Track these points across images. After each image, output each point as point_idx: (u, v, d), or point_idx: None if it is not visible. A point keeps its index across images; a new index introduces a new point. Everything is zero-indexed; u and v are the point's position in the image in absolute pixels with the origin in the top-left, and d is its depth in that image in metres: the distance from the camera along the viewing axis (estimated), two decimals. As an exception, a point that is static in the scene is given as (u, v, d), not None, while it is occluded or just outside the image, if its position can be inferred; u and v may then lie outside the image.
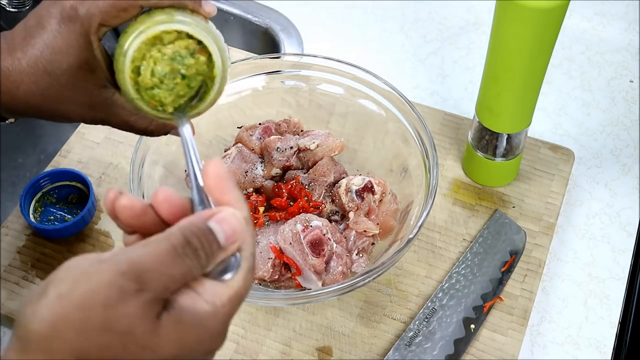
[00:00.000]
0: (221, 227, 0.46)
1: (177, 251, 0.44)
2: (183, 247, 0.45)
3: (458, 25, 1.16)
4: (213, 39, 0.59)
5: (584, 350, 0.83)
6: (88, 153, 0.97)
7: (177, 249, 0.44)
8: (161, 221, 0.49)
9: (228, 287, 0.46)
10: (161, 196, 0.48)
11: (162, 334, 0.43)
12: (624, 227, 0.93)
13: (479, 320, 0.82)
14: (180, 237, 0.45)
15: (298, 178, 0.85)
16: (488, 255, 0.87)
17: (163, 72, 0.58)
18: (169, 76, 0.58)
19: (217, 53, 0.59)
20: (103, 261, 0.44)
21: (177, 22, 0.58)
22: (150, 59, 0.58)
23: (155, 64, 0.58)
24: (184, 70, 0.58)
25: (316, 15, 1.17)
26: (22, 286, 0.85)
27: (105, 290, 0.42)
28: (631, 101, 1.06)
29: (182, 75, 0.58)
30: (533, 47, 0.77)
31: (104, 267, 0.43)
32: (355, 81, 0.89)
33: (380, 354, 0.80)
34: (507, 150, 0.89)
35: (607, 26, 1.15)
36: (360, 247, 0.82)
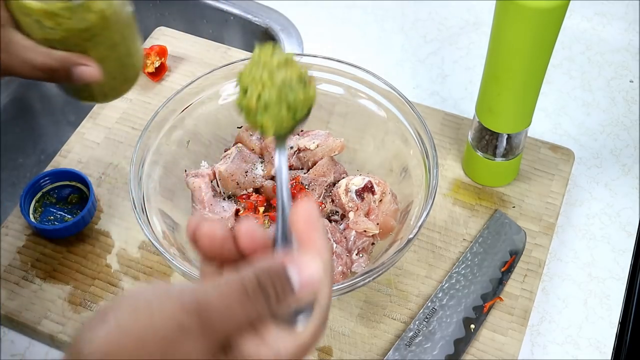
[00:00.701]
0: (299, 273, 0.44)
1: (248, 294, 0.42)
2: (254, 291, 0.42)
3: (458, 25, 1.16)
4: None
5: (584, 350, 0.83)
6: (88, 153, 0.97)
7: (248, 291, 0.42)
8: (240, 252, 0.47)
9: (296, 337, 0.44)
10: (244, 228, 0.46)
11: None
12: (624, 227, 0.93)
13: (479, 320, 0.82)
14: (253, 280, 0.42)
15: (298, 178, 0.85)
16: (488, 255, 0.87)
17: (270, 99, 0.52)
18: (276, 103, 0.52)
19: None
20: (169, 294, 0.42)
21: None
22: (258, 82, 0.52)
23: (262, 88, 0.52)
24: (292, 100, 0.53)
25: (316, 15, 1.17)
26: (22, 286, 0.85)
27: (165, 324, 0.41)
28: (631, 101, 1.06)
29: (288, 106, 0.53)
30: (533, 47, 0.77)
31: (167, 301, 0.41)
32: (355, 81, 0.89)
33: (380, 354, 0.80)
34: (507, 150, 0.89)
35: (607, 26, 1.15)
36: (360, 247, 0.82)
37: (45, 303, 0.84)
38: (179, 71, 1.06)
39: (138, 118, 1.00)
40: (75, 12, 0.60)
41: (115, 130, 0.99)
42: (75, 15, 0.60)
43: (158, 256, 0.87)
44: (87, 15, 0.61)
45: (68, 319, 0.82)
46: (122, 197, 0.92)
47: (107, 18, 0.62)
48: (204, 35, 1.13)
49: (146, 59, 1.04)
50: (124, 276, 0.86)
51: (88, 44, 0.63)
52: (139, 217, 0.77)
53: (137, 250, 0.88)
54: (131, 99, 1.02)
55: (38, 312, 0.83)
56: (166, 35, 1.11)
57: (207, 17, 1.21)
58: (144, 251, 0.88)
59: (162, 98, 1.00)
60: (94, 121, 1.00)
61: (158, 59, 1.04)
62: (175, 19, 1.24)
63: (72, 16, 0.60)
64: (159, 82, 1.05)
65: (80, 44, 0.62)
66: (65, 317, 0.82)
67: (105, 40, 0.63)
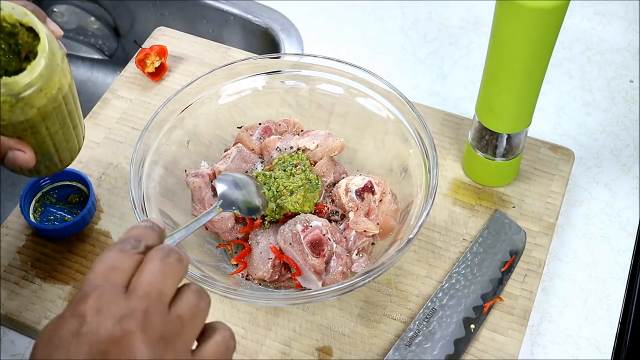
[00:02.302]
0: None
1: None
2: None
3: (458, 25, 1.16)
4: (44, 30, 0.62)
5: (584, 350, 0.83)
6: (88, 153, 0.97)
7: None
8: None
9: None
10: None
11: None
12: (624, 227, 0.93)
13: (479, 320, 0.82)
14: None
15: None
16: (488, 255, 0.87)
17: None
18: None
19: (44, 34, 0.61)
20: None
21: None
22: None
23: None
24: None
25: (316, 15, 1.17)
26: (22, 286, 0.85)
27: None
28: (631, 101, 1.06)
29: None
30: (533, 47, 0.77)
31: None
32: (355, 81, 0.89)
33: (380, 354, 0.80)
34: (507, 150, 0.89)
35: (607, 26, 1.15)
36: (360, 247, 0.82)
37: (45, 303, 0.84)
38: (179, 71, 1.06)
39: (138, 118, 1.00)
40: (16, 107, 0.60)
41: (115, 130, 0.99)
42: (15, 109, 0.60)
43: (158, 256, 0.86)
44: (27, 110, 0.61)
45: (68, 319, 0.82)
46: (122, 197, 0.92)
47: (47, 112, 0.62)
48: (204, 35, 1.13)
49: (146, 59, 1.04)
50: (124, 276, 0.86)
51: (25, 132, 0.63)
52: (139, 217, 0.77)
53: (137, 250, 0.88)
54: (131, 99, 1.02)
55: (38, 312, 0.83)
56: (166, 35, 1.11)
57: (207, 17, 1.21)
58: (144, 251, 0.88)
59: (162, 98, 1.00)
60: (94, 121, 1.00)
61: (158, 59, 1.04)
62: (175, 19, 1.24)
63: (12, 110, 0.60)
64: (159, 82, 1.05)
65: (17, 132, 0.63)
66: (65, 317, 0.82)
67: (43, 130, 0.64)
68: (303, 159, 0.84)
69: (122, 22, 1.30)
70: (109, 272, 0.50)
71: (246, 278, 0.81)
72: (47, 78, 0.61)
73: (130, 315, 0.48)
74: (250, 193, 0.79)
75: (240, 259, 0.81)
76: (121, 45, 1.33)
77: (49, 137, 0.65)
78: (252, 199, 0.79)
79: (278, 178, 0.82)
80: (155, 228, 0.55)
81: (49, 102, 0.62)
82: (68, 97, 0.65)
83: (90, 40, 1.33)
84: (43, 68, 0.61)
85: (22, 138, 0.64)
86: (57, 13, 1.29)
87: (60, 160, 0.70)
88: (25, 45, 0.62)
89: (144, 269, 0.51)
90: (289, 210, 0.80)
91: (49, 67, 0.61)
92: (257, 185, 0.81)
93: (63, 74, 0.63)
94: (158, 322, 0.49)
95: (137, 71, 1.05)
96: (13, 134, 0.63)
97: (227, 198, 0.77)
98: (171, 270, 0.51)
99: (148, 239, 0.53)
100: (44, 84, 0.61)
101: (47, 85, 0.61)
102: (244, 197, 0.78)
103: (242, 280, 0.81)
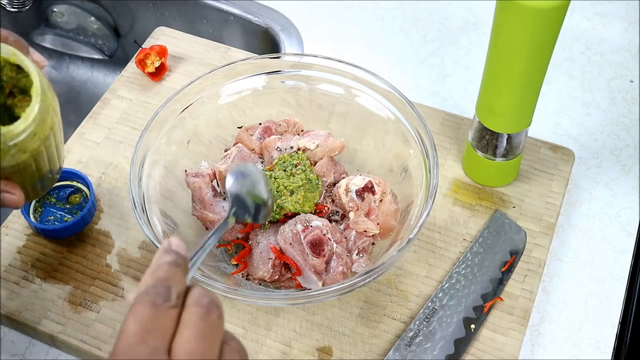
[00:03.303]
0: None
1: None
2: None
3: (458, 25, 1.16)
4: (36, 70, 0.60)
5: (584, 350, 0.83)
6: (88, 153, 0.97)
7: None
8: None
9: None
10: None
11: None
12: (624, 227, 0.93)
13: (479, 320, 0.82)
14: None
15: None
16: (488, 255, 0.87)
17: None
18: None
19: (36, 75, 0.59)
20: None
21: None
22: None
23: None
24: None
25: (316, 15, 1.17)
26: (22, 286, 0.85)
27: None
28: (631, 101, 1.06)
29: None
30: (533, 47, 0.77)
31: None
32: (355, 81, 0.89)
33: (380, 354, 0.80)
34: (507, 150, 0.89)
35: (607, 26, 1.15)
36: (360, 247, 0.82)
37: (45, 303, 0.84)
38: (179, 71, 1.06)
39: (138, 118, 1.00)
40: (8, 154, 0.59)
41: (115, 130, 0.99)
42: (7, 156, 0.59)
43: (158, 256, 0.86)
44: (19, 155, 0.60)
45: (68, 319, 0.82)
46: (122, 197, 0.92)
47: (39, 153, 0.61)
48: (204, 35, 1.13)
49: (146, 59, 1.04)
50: (124, 276, 0.86)
51: (14, 174, 0.62)
52: (139, 217, 0.77)
53: (137, 250, 0.88)
54: (131, 99, 1.03)
55: (38, 312, 0.83)
56: (166, 35, 1.11)
57: (207, 17, 1.21)
58: (144, 251, 0.88)
59: (162, 98, 1.00)
60: (94, 121, 1.00)
61: (158, 59, 1.04)
62: (175, 19, 1.24)
63: (4, 157, 0.59)
64: (159, 82, 1.05)
65: (6, 174, 0.62)
66: (65, 317, 0.82)
67: (32, 169, 0.63)
68: (303, 159, 0.84)
69: (122, 22, 1.30)
70: (147, 335, 0.46)
71: (246, 278, 0.81)
72: (41, 121, 0.59)
73: None
74: (258, 186, 0.75)
75: (240, 259, 0.81)
76: (121, 45, 1.33)
77: (37, 172, 0.64)
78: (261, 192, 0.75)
79: (278, 178, 0.82)
80: (180, 263, 0.51)
81: (41, 143, 0.61)
82: (56, 128, 0.63)
83: (90, 40, 1.33)
84: (37, 113, 0.59)
85: (10, 179, 0.62)
86: (57, 13, 1.29)
87: (42, 189, 0.69)
88: (10, 80, 0.60)
89: (186, 334, 0.47)
90: (289, 210, 0.80)
91: (41, 109, 0.59)
92: (265, 176, 0.78)
93: (54, 112, 0.61)
94: None
95: (137, 71, 1.05)
96: (2, 176, 0.61)
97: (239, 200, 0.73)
98: (214, 332, 0.49)
99: (177, 282, 0.49)
100: (37, 127, 0.59)
101: (41, 129, 0.60)
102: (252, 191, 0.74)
103: (242, 280, 0.81)
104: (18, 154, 0.60)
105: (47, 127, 0.60)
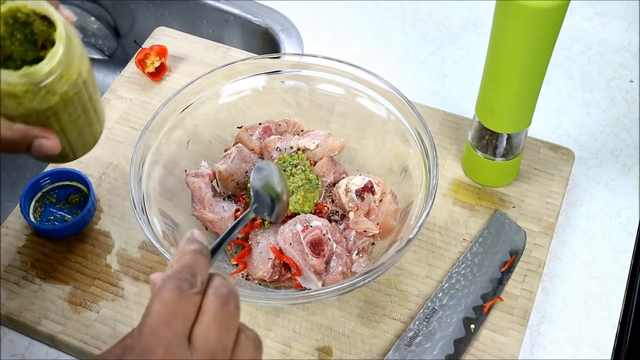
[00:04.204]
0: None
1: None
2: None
3: (458, 25, 1.16)
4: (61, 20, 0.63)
5: (584, 350, 0.83)
6: (88, 153, 0.96)
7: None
8: None
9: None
10: None
11: None
12: (624, 227, 0.93)
13: (479, 320, 0.82)
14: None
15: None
16: (488, 255, 0.87)
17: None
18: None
19: (60, 22, 0.62)
20: None
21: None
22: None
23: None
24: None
25: (316, 15, 1.17)
26: (22, 286, 0.85)
27: None
28: (631, 101, 1.06)
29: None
30: (533, 47, 0.77)
31: None
32: (355, 81, 0.89)
33: (380, 354, 0.80)
34: (507, 150, 0.89)
35: (607, 26, 1.15)
36: (360, 247, 0.82)
37: (45, 303, 0.84)
38: (179, 71, 1.06)
39: (138, 118, 1.00)
40: (38, 95, 0.61)
41: (115, 130, 0.99)
42: (38, 97, 0.61)
43: (158, 256, 0.87)
44: (49, 98, 0.62)
45: (68, 319, 0.82)
46: (122, 197, 0.92)
47: (68, 98, 0.63)
48: (204, 35, 1.13)
49: (146, 59, 1.04)
50: (124, 276, 0.86)
51: (49, 120, 0.64)
52: (139, 217, 0.77)
53: (137, 250, 0.88)
54: (131, 99, 1.02)
55: (38, 312, 0.83)
56: (166, 35, 1.11)
57: (207, 17, 1.21)
58: (144, 251, 0.88)
59: (162, 98, 1.00)
60: (94, 121, 1.00)
61: (158, 59, 1.04)
62: (175, 19, 1.24)
63: (34, 98, 0.61)
64: (159, 82, 1.05)
65: (40, 120, 0.64)
66: (65, 317, 0.82)
67: (66, 116, 0.65)
68: (303, 159, 0.84)
69: (122, 22, 1.30)
70: (172, 319, 0.49)
71: (246, 278, 0.81)
72: (67, 64, 0.62)
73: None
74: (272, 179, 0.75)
75: (240, 259, 0.81)
76: (121, 45, 1.33)
77: (71, 123, 0.66)
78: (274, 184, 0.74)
79: None
80: (205, 252, 0.54)
81: (70, 88, 0.63)
82: (87, 82, 0.65)
83: (90, 40, 1.33)
84: (62, 55, 0.61)
85: (46, 126, 0.65)
86: (57, 13, 1.30)
87: (84, 145, 0.71)
88: (41, 34, 0.63)
89: (206, 321, 0.51)
90: (289, 210, 0.80)
91: (67, 54, 0.62)
92: (280, 172, 0.76)
93: (81, 60, 0.64)
94: None
95: (137, 71, 1.05)
96: (37, 123, 0.64)
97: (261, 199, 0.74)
98: (232, 320, 0.52)
99: (202, 270, 0.52)
100: (64, 70, 0.62)
101: (67, 72, 0.62)
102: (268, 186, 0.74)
103: (242, 280, 0.81)
104: (48, 96, 0.62)
105: (74, 72, 0.62)
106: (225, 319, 0.51)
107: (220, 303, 0.51)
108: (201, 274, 0.52)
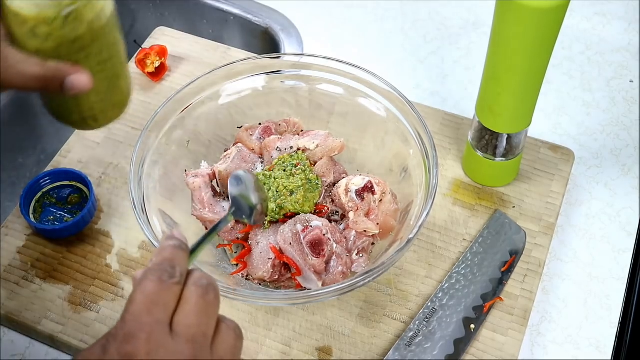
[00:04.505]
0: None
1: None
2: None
3: (458, 25, 1.16)
4: None
5: (584, 350, 0.83)
6: (88, 153, 0.97)
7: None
8: None
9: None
10: None
11: None
12: (624, 227, 0.93)
13: (479, 320, 0.82)
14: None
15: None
16: (488, 255, 0.87)
17: None
18: None
19: None
20: None
21: None
22: None
23: None
24: None
25: (316, 15, 1.17)
26: (22, 286, 0.85)
27: None
28: (631, 101, 1.06)
29: None
30: (533, 47, 0.77)
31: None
32: (355, 81, 0.89)
33: (380, 354, 0.80)
34: (507, 150, 0.89)
35: (607, 26, 1.15)
36: (360, 247, 0.82)
37: (45, 303, 0.84)
38: (179, 71, 1.06)
39: (138, 118, 1.00)
40: (67, 22, 0.62)
41: (115, 130, 0.99)
42: (66, 26, 0.62)
43: (158, 256, 0.86)
44: (77, 25, 0.63)
45: (68, 319, 0.82)
46: (122, 197, 0.92)
47: (95, 30, 0.65)
48: (204, 35, 1.13)
49: (146, 59, 1.04)
50: (124, 276, 0.86)
51: (78, 55, 0.65)
52: (139, 217, 0.77)
53: (137, 250, 0.88)
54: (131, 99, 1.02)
55: (38, 312, 0.83)
56: (166, 35, 1.11)
57: (207, 17, 1.21)
58: (144, 251, 0.88)
59: (162, 98, 1.00)
60: (94, 121, 1.00)
61: (158, 59, 1.04)
62: (175, 19, 1.24)
63: (64, 25, 0.62)
64: (159, 82, 1.05)
65: (71, 56, 0.65)
66: (65, 317, 0.82)
67: (94, 55, 0.66)
68: (303, 159, 0.84)
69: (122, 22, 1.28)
70: (153, 307, 0.52)
71: (246, 278, 0.81)
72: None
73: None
74: (249, 190, 0.79)
75: (240, 259, 0.81)
76: (121, 45, 1.33)
77: (100, 65, 0.67)
78: (249, 195, 0.79)
79: (278, 178, 0.82)
80: (184, 247, 0.57)
81: (97, 18, 0.64)
82: (111, 24, 0.67)
83: (90, 40, 1.33)
84: None
85: (76, 64, 0.66)
86: (57, 13, 1.29)
87: (114, 104, 0.72)
88: None
89: (187, 310, 0.53)
90: (289, 210, 0.80)
91: None
92: (257, 183, 0.81)
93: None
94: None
95: (137, 71, 1.05)
96: (66, 59, 0.64)
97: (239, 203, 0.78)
98: (211, 309, 0.54)
99: (181, 263, 0.55)
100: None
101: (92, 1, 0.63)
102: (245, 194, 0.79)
103: (242, 280, 0.81)
104: (76, 24, 0.63)
105: (99, 4, 0.64)
106: (205, 308, 0.53)
107: (201, 293, 0.53)
108: (180, 267, 0.54)
